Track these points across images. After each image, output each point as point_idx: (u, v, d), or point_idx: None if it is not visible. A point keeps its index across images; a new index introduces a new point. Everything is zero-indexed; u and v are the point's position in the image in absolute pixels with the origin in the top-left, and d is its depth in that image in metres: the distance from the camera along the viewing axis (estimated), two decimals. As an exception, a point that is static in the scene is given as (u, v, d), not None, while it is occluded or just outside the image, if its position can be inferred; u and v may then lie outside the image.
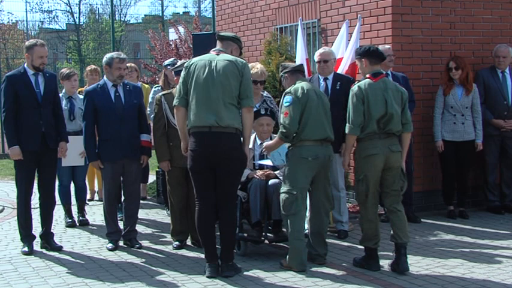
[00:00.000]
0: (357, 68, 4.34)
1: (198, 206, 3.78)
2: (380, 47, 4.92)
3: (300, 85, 4.02)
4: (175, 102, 3.82)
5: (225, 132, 3.65)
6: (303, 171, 3.87)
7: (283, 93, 4.03)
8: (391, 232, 3.91)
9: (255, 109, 3.95)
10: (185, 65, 3.84)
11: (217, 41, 3.90)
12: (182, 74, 3.81)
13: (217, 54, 3.79)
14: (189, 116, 3.72)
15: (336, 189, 4.62)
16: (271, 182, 4.31)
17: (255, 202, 4.20)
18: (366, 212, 3.92)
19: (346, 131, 3.95)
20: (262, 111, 4.41)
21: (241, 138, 3.78)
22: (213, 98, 3.66)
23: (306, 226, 4.01)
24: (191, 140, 3.73)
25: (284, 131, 3.93)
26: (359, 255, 4.03)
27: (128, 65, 6.16)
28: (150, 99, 5.56)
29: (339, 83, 4.72)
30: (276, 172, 4.31)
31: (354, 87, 3.97)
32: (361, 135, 3.92)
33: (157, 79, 8.18)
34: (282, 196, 3.86)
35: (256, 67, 4.56)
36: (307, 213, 4.02)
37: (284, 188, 3.88)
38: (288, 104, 3.92)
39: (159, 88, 5.46)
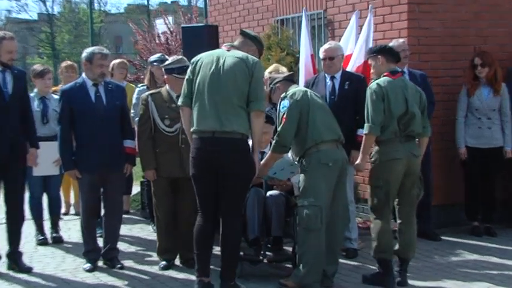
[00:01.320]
0: (370, 67, 4.45)
1: (199, 216, 3.85)
2: (394, 42, 5.06)
3: (296, 89, 4.11)
4: (180, 102, 3.89)
5: (230, 137, 3.71)
6: (326, 179, 3.93)
7: (280, 99, 4.08)
8: (397, 246, 4.00)
9: None
10: (192, 60, 3.90)
11: (239, 37, 3.97)
12: (188, 70, 3.88)
13: (228, 50, 3.84)
14: (192, 118, 3.79)
15: (344, 202, 4.75)
16: (270, 193, 4.37)
17: (253, 216, 4.25)
18: (382, 221, 4.01)
19: (365, 131, 4.05)
20: None
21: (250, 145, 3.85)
22: (219, 100, 3.72)
23: None
24: (193, 146, 3.80)
25: (278, 139, 3.98)
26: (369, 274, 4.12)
27: (118, 60, 6.28)
28: (134, 100, 5.62)
29: (347, 82, 4.76)
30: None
31: (372, 85, 4.10)
32: (381, 138, 4.03)
33: (142, 77, 8.30)
34: (304, 211, 3.89)
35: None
36: None
37: (305, 201, 3.90)
38: (285, 108, 3.99)
39: (145, 88, 5.54)
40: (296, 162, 4.16)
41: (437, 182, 5.45)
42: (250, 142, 3.89)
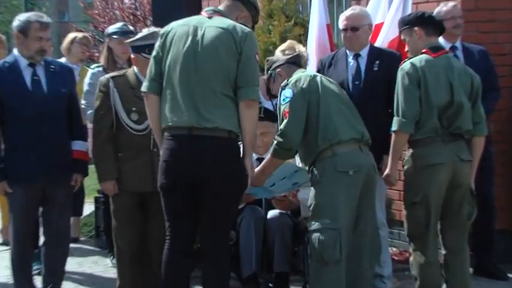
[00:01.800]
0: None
1: (168, 244, 3.86)
2: (441, 6, 5.10)
3: (302, 74, 4.14)
4: (144, 87, 3.92)
5: (212, 136, 3.74)
6: (345, 193, 3.94)
7: (280, 89, 4.12)
8: (444, 286, 4.04)
9: None
10: (161, 31, 3.93)
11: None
12: (156, 45, 3.91)
13: (209, 18, 3.88)
14: (163, 110, 3.83)
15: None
16: (271, 213, 4.43)
17: (248, 245, 4.29)
18: (424, 250, 4.05)
19: (394, 128, 4.09)
20: None
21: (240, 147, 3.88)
22: (196, 86, 3.75)
23: None
24: (164, 147, 3.84)
25: (281, 140, 4.00)
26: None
27: (80, 35, 6.47)
28: (86, 87, 5.66)
29: (377, 62, 4.77)
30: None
31: (405, 65, 4.13)
32: (417, 136, 4.08)
33: (96, 55, 8.33)
34: (317, 237, 3.91)
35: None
36: None
37: (316, 224, 3.92)
38: (287, 100, 4.02)
39: (101, 70, 5.59)
40: (303, 168, 4.21)
41: (501, 200, 5.49)
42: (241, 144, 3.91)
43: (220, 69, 3.75)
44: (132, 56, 4.52)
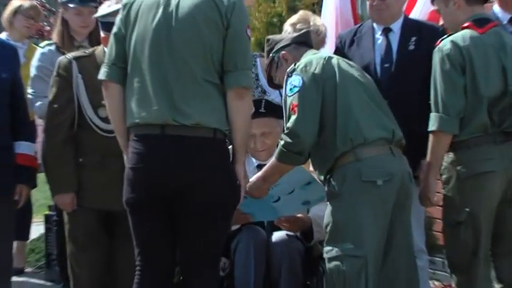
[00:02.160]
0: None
1: (139, 277, 3.87)
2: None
3: (313, 56, 4.17)
4: (101, 74, 3.95)
5: (192, 136, 3.76)
6: (372, 210, 3.95)
7: (285, 77, 4.15)
8: None
9: None
10: (123, 1, 3.96)
11: None
12: (117, 19, 3.94)
13: None
14: (128, 104, 3.86)
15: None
16: (276, 236, 4.42)
17: (247, 277, 4.31)
18: (472, 285, 4.07)
19: (433, 127, 4.11)
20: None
21: (230, 149, 3.91)
22: (170, 70, 3.78)
23: None
24: (130, 151, 3.87)
25: (289, 140, 4.02)
26: None
27: (26, 3, 6.46)
28: (34, 71, 5.58)
29: (414, 38, 4.77)
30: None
31: (444, 44, 4.14)
32: (461, 137, 4.09)
33: (47, 29, 8.31)
34: (335, 266, 3.93)
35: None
36: None
37: (335, 250, 3.94)
38: (296, 90, 4.04)
39: (53, 48, 5.56)
40: (317, 179, 4.20)
41: None
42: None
43: (201, 48, 3.76)
44: (102, 34, 4.54)
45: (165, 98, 3.73)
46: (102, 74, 3.92)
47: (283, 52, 4.33)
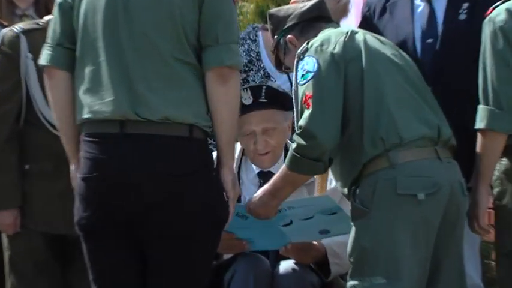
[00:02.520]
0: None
1: None
2: None
3: (332, 31, 3.96)
4: (43, 58, 3.80)
5: (162, 135, 3.57)
6: (411, 232, 3.74)
7: (296, 59, 3.94)
8: None
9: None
10: None
11: None
12: None
13: None
14: (77, 95, 3.70)
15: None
16: (284, 267, 4.22)
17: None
18: None
19: (481, 124, 3.84)
20: (247, 98, 4.32)
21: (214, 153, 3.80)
22: (130, 47, 3.62)
23: None
24: (82, 155, 3.68)
25: (303, 142, 3.73)
26: None
27: None
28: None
29: (466, 4, 4.31)
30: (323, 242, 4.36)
31: (498, 13, 3.87)
32: None
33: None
34: None
35: None
36: None
37: (366, 285, 3.77)
38: (309, 76, 3.79)
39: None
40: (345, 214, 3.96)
41: None
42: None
43: (170, 18, 3.58)
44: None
45: (123, 85, 3.54)
46: (44, 59, 3.75)
47: (289, 36, 4.11)
